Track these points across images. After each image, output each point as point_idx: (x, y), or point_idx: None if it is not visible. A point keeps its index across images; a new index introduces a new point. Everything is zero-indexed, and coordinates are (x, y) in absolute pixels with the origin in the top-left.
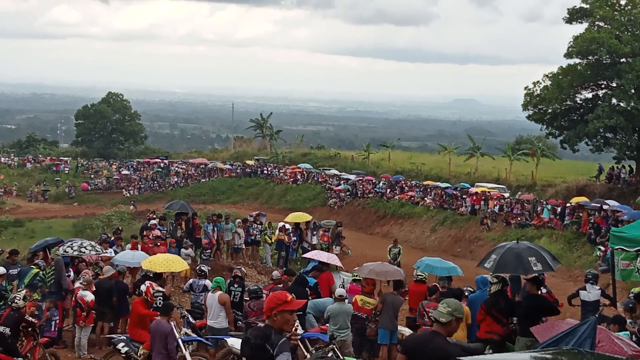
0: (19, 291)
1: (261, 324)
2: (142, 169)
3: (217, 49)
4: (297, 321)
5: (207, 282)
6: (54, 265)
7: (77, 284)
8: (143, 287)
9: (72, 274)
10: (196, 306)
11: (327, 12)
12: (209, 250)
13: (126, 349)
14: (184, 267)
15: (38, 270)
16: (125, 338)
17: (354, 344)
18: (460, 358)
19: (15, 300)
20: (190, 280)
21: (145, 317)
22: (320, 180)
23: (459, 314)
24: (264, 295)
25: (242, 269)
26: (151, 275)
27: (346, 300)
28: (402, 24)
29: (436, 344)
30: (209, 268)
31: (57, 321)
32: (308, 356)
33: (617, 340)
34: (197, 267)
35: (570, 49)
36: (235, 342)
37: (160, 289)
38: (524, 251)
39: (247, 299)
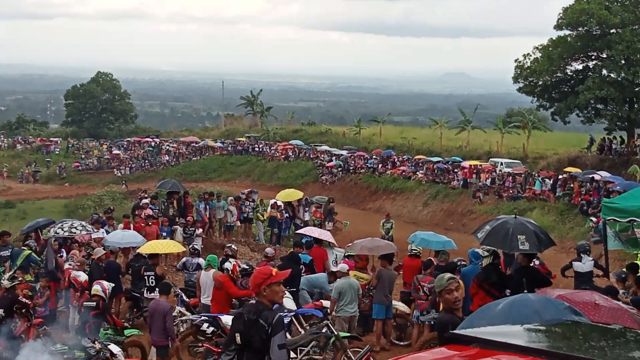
0: (9, 272)
1: (252, 301)
2: (132, 148)
3: (206, 27)
4: (291, 297)
5: (201, 260)
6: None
7: (66, 265)
8: (229, 265)
9: (64, 254)
10: (190, 285)
11: None
12: (193, 228)
13: (212, 328)
14: (181, 249)
15: (30, 251)
16: (208, 318)
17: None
18: (454, 331)
19: (2, 281)
20: (184, 259)
21: (234, 296)
22: (311, 156)
23: (439, 287)
24: None
25: (233, 246)
26: (146, 255)
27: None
28: None
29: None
30: (202, 246)
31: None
32: (302, 332)
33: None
34: (190, 246)
35: (560, 21)
36: (229, 320)
37: (245, 266)
38: (517, 228)
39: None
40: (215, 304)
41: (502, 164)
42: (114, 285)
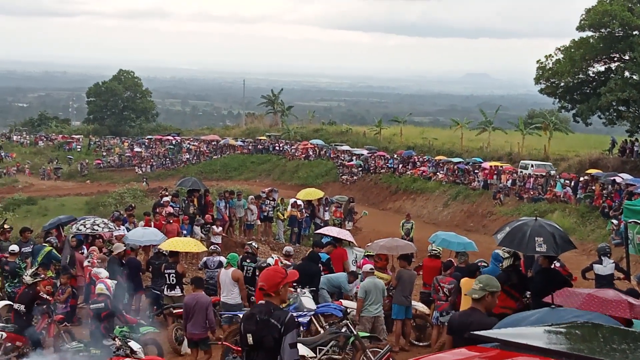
0: (32, 269)
1: (262, 301)
2: (154, 146)
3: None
4: (311, 296)
5: (222, 258)
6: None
7: (85, 262)
8: (271, 261)
9: (85, 251)
10: (210, 283)
11: None
12: (208, 225)
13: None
14: (202, 249)
15: (51, 248)
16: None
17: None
18: (474, 332)
19: (24, 277)
20: (205, 258)
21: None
22: (332, 156)
23: (492, 288)
24: None
25: (254, 243)
26: (166, 252)
27: (359, 276)
28: None
29: (475, 319)
30: (218, 242)
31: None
32: (322, 331)
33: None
34: (210, 246)
35: (582, 22)
36: None
37: (288, 262)
38: (535, 230)
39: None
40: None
41: (532, 166)
42: (116, 282)
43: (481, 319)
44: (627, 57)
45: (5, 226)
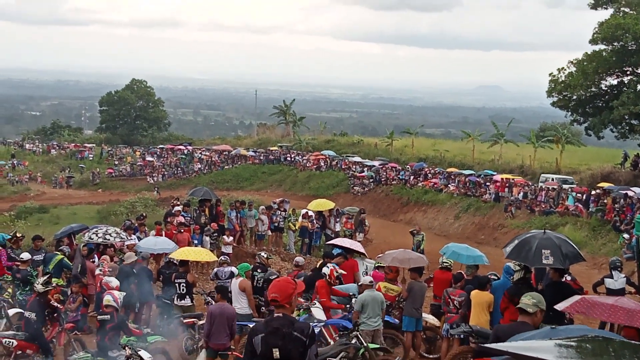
0: (43, 277)
1: (279, 313)
2: (165, 155)
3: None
4: (321, 307)
5: (233, 268)
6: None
7: (97, 271)
8: (326, 270)
9: (96, 260)
10: None
11: None
12: (216, 234)
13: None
14: (213, 258)
15: (62, 256)
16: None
17: None
18: (484, 344)
19: (35, 285)
20: (215, 269)
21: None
22: (343, 167)
23: (542, 305)
24: None
25: (263, 254)
26: (176, 262)
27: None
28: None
29: (525, 332)
30: (228, 252)
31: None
32: (332, 343)
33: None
34: (220, 258)
35: (595, 35)
36: None
37: (342, 271)
38: (542, 242)
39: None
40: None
41: (553, 179)
42: (125, 294)
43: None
44: (639, 71)
45: (18, 234)
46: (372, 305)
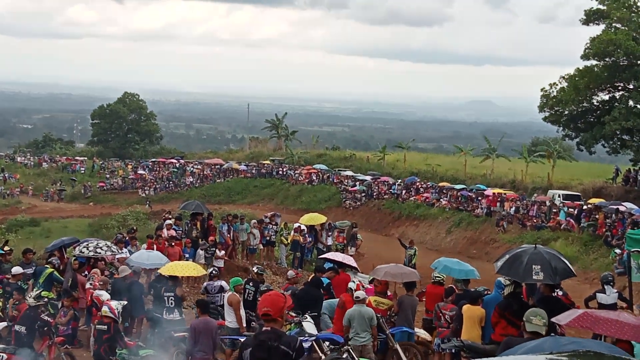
0: (35, 291)
1: (267, 327)
2: (157, 169)
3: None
4: (312, 321)
5: (223, 283)
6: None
7: (87, 285)
8: (352, 285)
9: (87, 274)
10: (212, 307)
11: (341, 13)
12: (214, 248)
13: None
14: (201, 273)
15: (53, 269)
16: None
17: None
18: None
19: (27, 298)
20: (205, 284)
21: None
22: (335, 181)
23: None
24: None
25: (255, 269)
26: (167, 277)
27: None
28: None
29: None
30: (220, 266)
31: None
32: (323, 357)
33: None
34: (209, 272)
35: (587, 51)
36: None
37: (369, 285)
38: (532, 257)
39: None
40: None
41: (559, 196)
42: (125, 303)
43: None
44: (631, 86)
45: (6, 248)
46: (358, 320)
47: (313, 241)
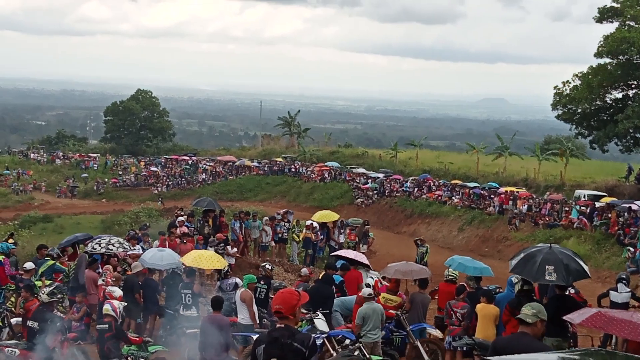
0: (44, 284)
1: (281, 324)
2: (170, 165)
3: (245, 47)
4: (324, 319)
5: (237, 280)
6: (77, 260)
7: (99, 281)
8: (371, 281)
9: (100, 270)
10: (226, 304)
11: (353, 10)
12: (222, 244)
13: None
14: (224, 264)
15: (53, 262)
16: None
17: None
18: (487, 357)
19: (40, 295)
20: (218, 283)
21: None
22: (347, 178)
23: (543, 316)
24: None
25: (267, 265)
26: (181, 272)
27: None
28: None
29: (525, 343)
30: (231, 263)
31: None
32: (334, 354)
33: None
34: (222, 271)
35: (600, 49)
36: None
37: (386, 283)
38: (546, 257)
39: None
40: None
41: (584, 196)
42: (126, 304)
43: (530, 343)
44: None
45: (10, 240)
46: (373, 317)
47: (325, 239)
